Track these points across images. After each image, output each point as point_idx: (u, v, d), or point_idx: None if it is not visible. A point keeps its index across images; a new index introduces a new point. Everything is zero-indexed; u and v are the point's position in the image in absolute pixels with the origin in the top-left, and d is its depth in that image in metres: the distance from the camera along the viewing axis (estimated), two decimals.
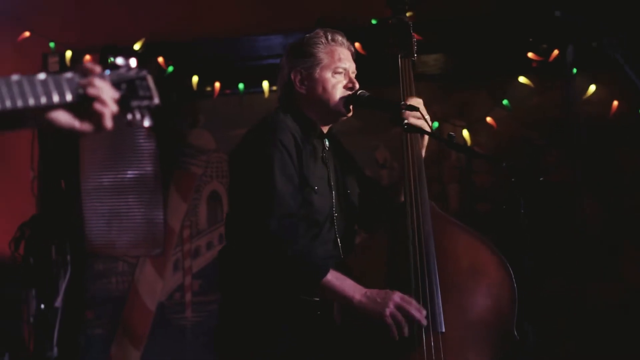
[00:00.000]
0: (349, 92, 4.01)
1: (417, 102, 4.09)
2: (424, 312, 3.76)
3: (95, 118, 2.34)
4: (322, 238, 3.95)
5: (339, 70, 4.00)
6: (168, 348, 7.04)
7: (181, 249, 7.12)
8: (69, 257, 6.82)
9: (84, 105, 2.31)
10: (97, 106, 2.33)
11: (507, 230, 3.62)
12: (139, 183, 7.10)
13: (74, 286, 6.91)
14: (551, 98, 6.64)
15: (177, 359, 7.04)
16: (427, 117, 4.11)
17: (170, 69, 6.87)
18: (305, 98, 4.01)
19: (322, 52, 4.00)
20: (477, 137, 6.53)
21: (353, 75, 4.06)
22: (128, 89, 2.43)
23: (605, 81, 6.52)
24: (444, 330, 3.80)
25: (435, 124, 6.38)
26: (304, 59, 4.01)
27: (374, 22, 6.48)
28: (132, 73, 2.47)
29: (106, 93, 2.34)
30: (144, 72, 2.51)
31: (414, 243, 3.88)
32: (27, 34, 7.06)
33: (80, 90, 2.29)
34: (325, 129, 4.08)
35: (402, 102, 3.97)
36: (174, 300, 7.11)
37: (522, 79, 6.53)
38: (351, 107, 4.01)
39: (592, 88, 6.51)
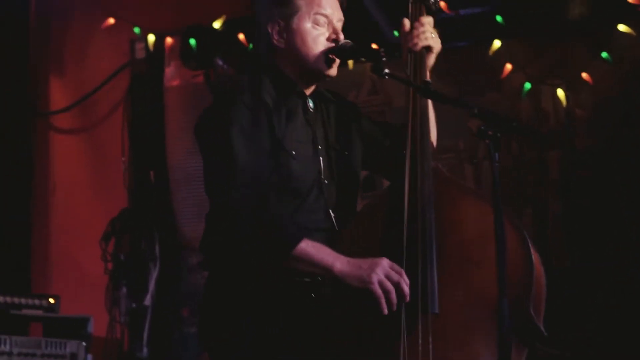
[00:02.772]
0: (332, 45, 3.49)
1: (428, 20, 3.64)
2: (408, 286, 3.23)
3: None
4: (307, 208, 3.48)
5: (319, 19, 3.53)
6: None
7: None
8: (157, 251, 6.54)
9: None
10: None
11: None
12: None
13: (166, 282, 6.64)
14: None
15: None
16: (435, 34, 3.64)
17: (251, 46, 6.50)
18: (283, 53, 3.57)
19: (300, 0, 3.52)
20: (575, 96, 5.82)
21: (339, 25, 3.58)
22: None
23: None
24: (437, 311, 3.26)
25: (527, 85, 5.77)
26: (281, 8, 3.56)
27: None
28: None
29: None
30: None
31: (409, 209, 3.38)
32: (111, 20, 6.97)
33: None
34: (308, 89, 3.62)
35: (382, 49, 3.41)
36: None
37: (622, 27, 5.77)
38: (333, 63, 3.54)
39: None
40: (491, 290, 3.11)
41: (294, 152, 3.44)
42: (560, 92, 5.84)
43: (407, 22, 3.65)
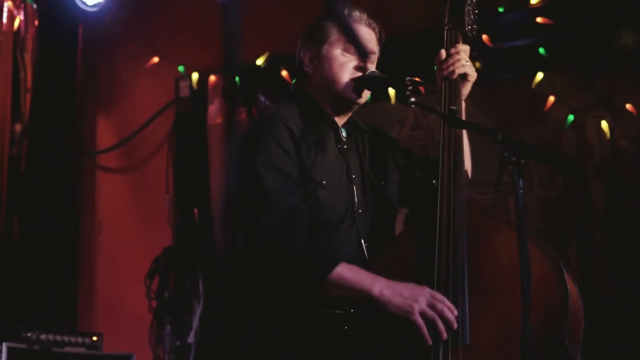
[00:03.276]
0: (359, 74, 3.46)
1: (464, 48, 3.60)
2: (456, 312, 3.18)
3: None
4: (339, 239, 3.42)
5: (350, 48, 3.51)
6: None
7: None
8: (201, 289, 6.52)
9: None
10: None
11: None
12: None
13: (210, 320, 6.60)
14: None
15: None
16: (469, 63, 3.60)
17: (294, 81, 6.49)
18: (313, 79, 3.57)
19: (333, 27, 3.53)
20: (620, 128, 5.72)
21: (371, 57, 3.53)
22: None
23: None
24: (468, 341, 3.19)
25: (571, 117, 5.68)
26: (315, 34, 3.57)
27: None
28: None
29: None
30: None
31: (441, 238, 3.31)
32: (156, 59, 6.98)
33: None
34: (341, 119, 3.58)
35: (408, 78, 3.36)
36: None
37: None
38: (362, 92, 3.50)
39: None
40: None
41: (324, 182, 3.40)
42: (604, 124, 5.73)
43: (443, 52, 3.60)
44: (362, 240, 3.45)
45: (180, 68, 6.91)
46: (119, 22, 7.25)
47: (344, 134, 3.58)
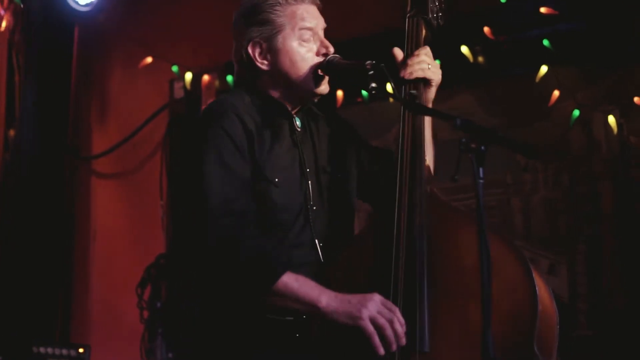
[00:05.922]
0: (320, 59, 3.23)
1: (424, 51, 3.30)
2: (404, 328, 2.93)
3: None
4: (292, 241, 3.17)
5: (304, 34, 3.26)
6: None
7: None
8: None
9: None
10: None
11: None
12: None
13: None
14: None
15: None
16: (434, 64, 3.29)
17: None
18: (268, 75, 3.29)
19: (280, 17, 3.27)
20: (629, 123, 5.43)
21: (322, 33, 3.26)
22: None
23: None
24: (427, 349, 2.95)
25: (576, 112, 5.36)
26: (260, 27, 3.27)
27: None
28: None
29: None
30: None
31: (399, 237, 3.08)
32: (149, 59, 6.80)
33: None
34: (296, 108, 3.34)
35: (369, 62, 3.07)
36: None
37: None
38: (322, 80, 3.26)
39: None
40: (492, 326, 2.75)
41: (276, 180, 3.16)
42: (611, 119, 5.40)
43: (398, 52, 3.33)
44: (317, 241, 3.20)
45: (174, 68, 6.68)
46: (112, 22, 7.11)
47: (298, 123, 3.33)
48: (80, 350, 5.87)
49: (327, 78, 3.26)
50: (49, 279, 6.90)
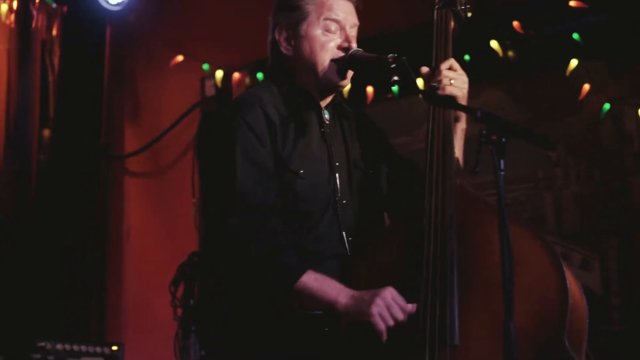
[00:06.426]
0: (342, 54, 3.21)
1: (446, 65, 3.29)
2: (409, 307, 2.93)
3: None
4: (319, 233, 3.16)
5: (330, 25, 3.26)
6: None
7: None
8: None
9: None
10: None
11: None
12: None
13: None
14: None
15: None
16: (458, 77, 3.27)
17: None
18: (292, 61, 3.31)
19: (309, 4, 3.29)
20: None
21: (353, 31, 3.29)
22: None
23: None
24: (457, 342, 2.94)
25: (606, 106, 5.33)
26: (288, 12, 3.30)
27: None
28: None
29: None
30: None
31: (428, 230, 3.08)
32: (180, 57, 6.84)
33: None
34: (324, 101, 3.33)
35: (390, 55, 3.07)
36: None
37: None
38: (346, 73, 3.25)
39: None
40: (521, 320, 2.76)
41: (302, 171, 3.15)
42: None
43: (424, 69, 3.33)
44: (344, 234, 3.19)
45: (205, 66, 6.71)
46: (143, 21, 7.13)
47: (326, 116, 3.33)
48: (114, 348, 5.89)
49: (349, 71, 3.26)
50: (83, 278, 6.95)
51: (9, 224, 6.64)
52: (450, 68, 3.27)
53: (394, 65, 3.08)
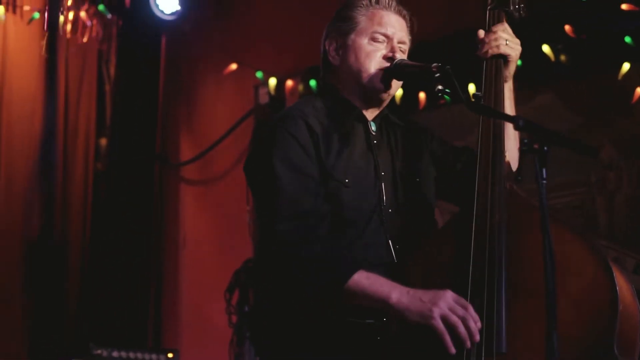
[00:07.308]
0: (387, 64, 3.23)
1: (502, 27, 3.33)
2: (479, 324, 2.88)
3: None
4: (364, 241, 3.16)
5: (377, 37, 3.27)
6: None
7: None
8: None
9: None
10: None
11: None
12: None
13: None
14: None
15: None
16: (507, 42, 3.30)
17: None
18: (339, 71, 3.33)
19: (360, 15, 3.30)
20: None
21: (400, 46, 3.30)
22: None
23: None
24: (504, 350, 2.88)
25: None
26: (341, 23, 3.32)
27: None
28: None
29: None
30: None
31: (478, 234, 3.04)
32: (234, 66, 6.89)
33: None
34: (371, 112, 3.34)
35: (434, 64, 3.09)
36: None
37: None
38: (391, 82, 3.25)
39: None
40: (570, 327, 2.78)
41: (347, 180, 3.16)
42: None
43: (481, 32, 3.35)
44: (391, 242, 3.19)
45: (259, 74, 6.75)
46: (197, 30, 7.19)
47: (373, 128, 3.33)
48: (170, 355, 5.95)
49: (394, 81, 3.27)
50: (140, 286, 7.03)
51: (66, 232, 6.74)
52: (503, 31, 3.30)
53: (438, 75, 3.09)
